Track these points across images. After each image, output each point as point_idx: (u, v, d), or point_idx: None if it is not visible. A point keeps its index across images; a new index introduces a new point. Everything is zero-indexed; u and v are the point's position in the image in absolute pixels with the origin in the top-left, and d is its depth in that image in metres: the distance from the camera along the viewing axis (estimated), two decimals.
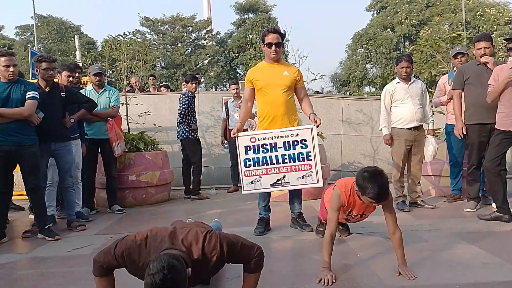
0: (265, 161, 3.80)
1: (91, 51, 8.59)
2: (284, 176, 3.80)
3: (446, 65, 6.52)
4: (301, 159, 3.77)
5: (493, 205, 4.43)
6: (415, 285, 2.58)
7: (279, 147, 3.79)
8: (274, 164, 3.79)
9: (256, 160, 3.81)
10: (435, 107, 5.57)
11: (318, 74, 7.36)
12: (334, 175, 7.80)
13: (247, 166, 3.82)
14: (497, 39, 18.57)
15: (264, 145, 3.80)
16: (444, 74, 6.00)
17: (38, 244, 3.96)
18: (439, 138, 5.64)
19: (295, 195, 4.12)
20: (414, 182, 5.00)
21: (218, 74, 28.92)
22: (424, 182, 5.69)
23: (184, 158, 6.52)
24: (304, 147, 3.77)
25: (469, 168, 4.75)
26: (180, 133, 6.38)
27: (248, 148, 3.82)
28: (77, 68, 5.46)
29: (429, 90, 5.67)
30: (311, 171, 3.78)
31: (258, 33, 26.76)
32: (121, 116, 5.89)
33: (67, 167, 4.51)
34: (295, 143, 3.78)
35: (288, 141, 3.78)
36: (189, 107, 6.28)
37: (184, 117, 6.27)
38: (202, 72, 27.89)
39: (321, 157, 4.57)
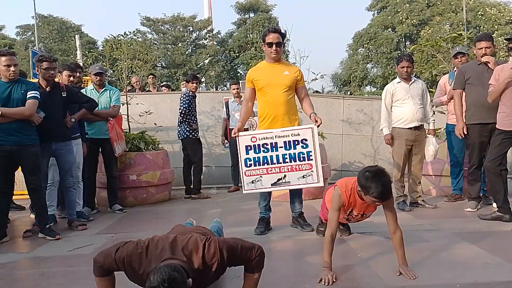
0: (265, 161, 3.80)
1: (91, 50, 8.60)
2: (284, 175, 3.80)
3: (447, 65, 6.51)
4: (301, 159, 3.78)
5: (494, 205, 4.42)
6: (415, 285, 2.58)
7: (280, 147, 3.79)
8: (274, 163, 3.79)
9: (256, 159, 3.81)
10: (436, 107, 5.57)
11: (319, 73, 7.38)
12: (334, 175, 7.80)
13: (248, 165, 3.82)
14: (498, 39, 18.54)
15: (264, 145, 3.80)
16: (445, 74, 6.00)
17: (39, 243, 3.96)
18: (440, 138, 5.64)
19: (295, 195, 4.12)
20: (414, 182, 5.00)
21: (218, 73, 28.92)
22: (424, 182, 5.69)
23: (184, 157, 6.52)
24: (304, 146, 3.77)
25: (470, 168, 4.75)
26: (180, 133, 6.38)
27: (248, 147, 3.82)
28: (78, 67, 5.46)
29: (430, 90, 5.67)
30: (312, 171, 3.78)
31: (258, 33, 26.73)
32: (121, 115, 5.90)
33: (68, 166, 4.51)
34: (296, 142, 3.78)
35: (288, 141, 3.78)
36: (190, 107, 6.28)
37: (184, 116, 6.27)
38: (202, 71, 27.89)
39: (322, 156, 4.56)
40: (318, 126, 3.80)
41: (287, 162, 3.79)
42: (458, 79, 4.74)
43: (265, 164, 3.80)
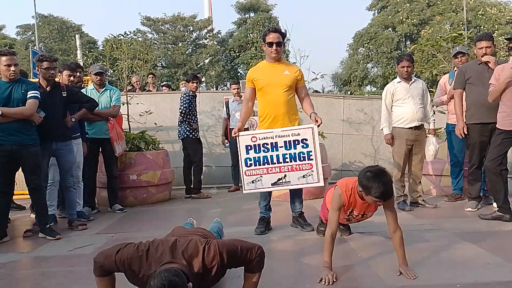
0: (266, 161, 3.80)
1: (92, 50, 8.59)
2: (285, 175, 3.80)
3: (447, 65, 6.51)
4: (302, 159, 3.78)
5: (494, 204, 4.42)
6: (415, 284, 2.58)
7: (280, 147, 3.79)
8: (275, 163, 3.79)
9: (257, 159, 3.81)
10: (436, 107, 5.57)
11: (319, 73, 7.37)
12: (335, 175, 7.79)
13: (248, 165, 3.82)
14: (498, 39, 18.54)
15: (265, 145, 3.80)
16: (445, 73, 6.00)
17: (39, 243, 3.96)
18: (440, 137, 5.64)
19: (296, 195, 4.12)
20: (415, 181, 5.00)
21: (219, 73, 28.92)
22: (425, 181, 5.69)
23: (185, 157, 6.52)
24: (305, 146, 3.77)
25: (470, 167, 4.75)
26: (181, 133, 6.39)
27: (249, 147, 3.82)
28: (78, 67, 5.46)
29: (430, 89, 5.66)
30: (312, 171, 3.78)
31: (259, 33, 26.74)
32: (122, 115, 5.90)
33: (68, 166, 4.51)
34: (296, 142, 3.78)
35: (289, 141, 3.78)
36: (190, 107, 6.28)
37: (185, 116, 6.27)
38: (203, 71, 27.90)
39: (322, 156, 4.56)
40: (318, 126, 3.80)
41: (288, 162, 3.79)
42: (458, 78, 4.73)
43: (265, 163, 3.80)
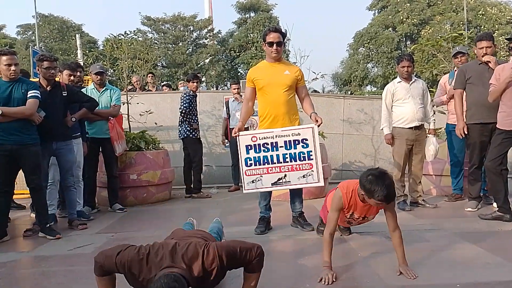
0: (266, 160, 3.80)
1: (92, 50, 8.58)
2: (285, 175, 3.80)
3: (447, 65, 6.51)
4: (302, 159, 3.78)
5: (494, 204, 4.42)
6: (415, 284, 2.58)
7: (280, 146, 3.79)
8: (275, 163, 3.79)
9: (257, 159, 3.81)
10: (436, 107, 5.57)
11: (319, 73, 7.37)
12: (335, 175, 7.80)
13: (248, 165, 3.82)
14: (498, 39, 18.54)
15: (265, 144, 3.80)
16: (445, 73, 6.00)
17: (39, 242, 3.96)
18: (440, 137, 5.63)
19: (296, 195, 4.12)
20: (415, 181, 5.00)
21: (219, 73, 28.92)
22: (425, 181, 5.69)
23: (185, 157, 6.52)
24: (305, 146, 3.77)
25: (470, 167, 4.75)
26: (181, 132, 6.39)
27: (249, 147, 3.82)
28: (79, 67, 5.47)
29: (430, 89, 5.66)
30: (312, 171, 3.78)
31: (259, 32, 26.74)
32: (122, 115, 5.91)
33: (68, 166, 4.52)
34: (296, 142, 3.78)
35: (289, 140, 3.79)
36: (190, 106, 6.29)
37: (185, 116, 6.27)
38: (203, 71, 27.90)
39: (322, 156, 4.56)
40: (318, 125, 3.80)
41: (288, 161, 3.79)
42: (458, 78, 4.73)
43: (266, 163, 3.80)
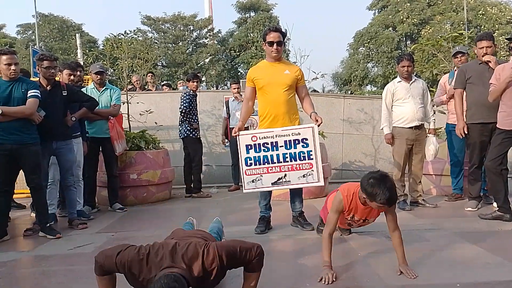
0: (266, 160, 3.80)
1: (92, 49, 8.57)
2: (285, 175, 3.80)
3: (447, 64, 6.50)
4: (302, 158, 3.78)
5: (494, 204, 4.42)
6: (415, 284, 2.58)
7: (280, 146, 3.79)
8: (275, 163, 3.79)
9: (257, 159, 3.81)
10: (436, 106, 5.57)
11: (319, 73, 7.37)
12: (335, 174, 7.80)
13: (248, 165, 3.82)
14: (498, 38, 18.56)
15: (265, 144, 3.80)
16: (445, 73, 6.00)
17: (39, 242, 3.96)
18: (440, 137, 5.63)
19: (296, 194, 4.12)
20: (415, 181, 5.00)
21: (219, 73, 28.93)
22: (425, 181, 5.69)
23: (185, 156, 6.52)
24: (305, 146, 3.77)
25: (470, 167, 4.75)
26: (182, 132, 6.39)
27: (249, 146, 3.82)
28: (79, 66, 5.46)
29: (431, 89, 5.66)
30: (312, 170, 3.78)
31: (259, 32, 26.74)
32: (122, 114, 5.90)
33: (68, 165, 4.52)
34: (296, 142, 3.78)
35: (289, 140, 3.78)
36: (190, 106, 6.28)
37: (185, 115, 6.27)
38: (203, 71, 27.90)
39: (322, 156, 4.56)
40: (318, 125, 3.80)
41: (288, 161, 3.78)
42: (459, 78, 4.73)
43: (266, 163, 3.80)
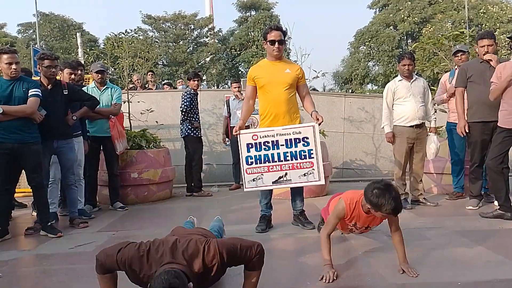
0: (267, 159, 3.80)
1: (93, 48, 8.57)
2: (286, 173, 3.80)
3: (448, 63, 6.50)
4: (303, 157, 3.77)
5: (495, 203, 4.42)
6: (417, 283, 2.59)
7: (281, 145, 3.79)
8: (276, 161, 3.79)
9: (258, 157, 3.80)
10: (437, 105, 5.56)
11: (320, 71, 7.37)
12: (336, 173, 7.80)
13: (249, 163, 3.82)
14: (500, 37, 18.50)
15: (266, 143, 3.80)
16: (446, 72, 5.99)
17: (40, 241, 3.97)
18: (441, 136, 5.63)
19: (297, 193, 4.12)
20: (416, 180, 4.99)
21: (220, 72, 28.91)
22: (426, 180, 5.68)
23: (186, 155, 6.53)
24: (306, 144, 3.77)
25: (471, 166, 4.74)
26: (183, 131, 6.40)
27: (250, 145, 3.82)
28: (79, 65, 5.46)
29: (432, 88, 5.65)
30: (313, 169, 3.77)
31: (260, 31, 26.73)
32: (123, 113, 5.90)
33: (69, 164, 4.52)
34: (297, 140, 3.78)
35: (290, 139, 3.78)
36: (191, 105, 6.28)
37: (186, 114, 6.27)
38: (204, 69, 27.89)
39: (323, 154, 4.56)
40: (319, 124, 3.80)
41: (288, 160, 3.78)
42: (460, 77, 4.72)
43: (266, 162, 3.80)
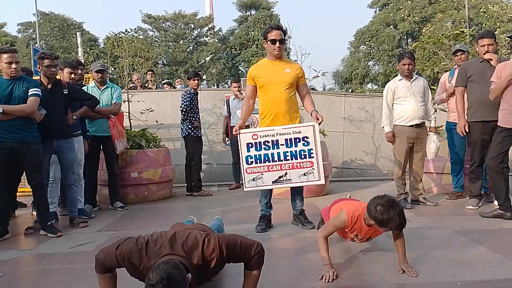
0: (267, 158, 3.80)
1: (93, 48, 8.56)
2: (286, 173, 3.80)
3: (448, 62, 6.49)
4: (303, 156, 3.77)
5: (495, 202, 4.42)
6: (416, 282, 2.59)
7: (281, 144, 3.79)
8: (276, 161, 3.79)
9: (258, 157, 3.81)
10: (437, 105, 5.56)
11: (320, 71, 7.37)
12: (336, 173, 7.80)
13: (249, 163, 3.82)
14: (500, 36, 18.47)
15: (266, 142, 3.80)
16: (446, 71, 5.99)
17: (40, 240, 3.97)
18: (441, 135, 5.63)
19: (296, 192, 4.12)
20: (416, 179, 4.99)
21: (220, 71, 28.91)
22: (426, 179, 5.68)
23: (187, 155, 6.53)
24: (306, 144, 3.77)
25: (471, 165, 4.74)
26: (183, 130, 6.40)
27: (250, 145, 3.82)
28: (79, 65, 5.46)
29: (432, 87, 5.65)
30: (313, 169, 3.77)
31: (260, 30, 26.70)
32: (123, 113, 5.90)
33: (69, 164, 4.52)
34: (297, 140, 3.78)
35: (290, 138, 3.78)
36: (191, 104, 6.28)
37: (186, 114, 6.27)
38: (204, 69, 27.89)
39: (323, 154, 4.56)
40: (319, 123, 3.80)
41: (288, 159, 3.78)
42: (460, 76, 4.72)
43: (266, 161, 3.80)
